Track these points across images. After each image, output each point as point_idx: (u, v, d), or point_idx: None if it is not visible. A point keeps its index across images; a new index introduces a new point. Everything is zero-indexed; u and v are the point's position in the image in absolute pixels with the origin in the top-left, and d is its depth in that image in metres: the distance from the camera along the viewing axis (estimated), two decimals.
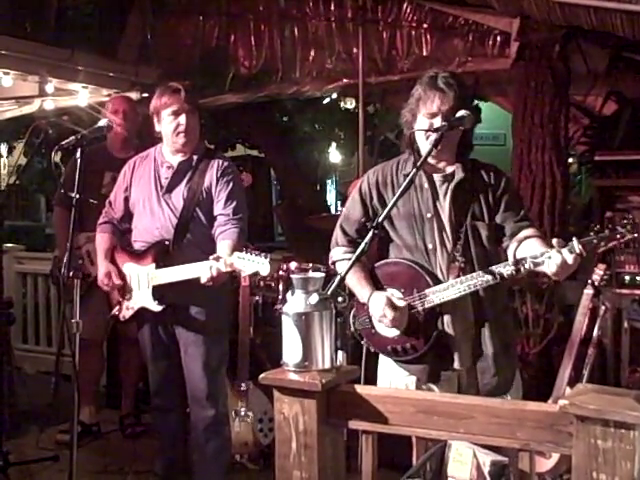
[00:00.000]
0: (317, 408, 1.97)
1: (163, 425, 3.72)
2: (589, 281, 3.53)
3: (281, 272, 4.42)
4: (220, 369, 3.59)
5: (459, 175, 2.68)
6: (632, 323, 4.41)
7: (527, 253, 2.52)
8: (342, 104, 9.35)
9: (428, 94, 2.63)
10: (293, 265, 4.41)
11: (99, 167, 4.37)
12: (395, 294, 2.68)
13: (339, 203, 14.15)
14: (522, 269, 2.49)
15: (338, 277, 2.17)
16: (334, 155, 11.70)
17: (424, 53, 5.67)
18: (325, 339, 2.02)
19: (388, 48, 5.78)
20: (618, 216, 4.72)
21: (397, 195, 2.44)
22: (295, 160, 9.47)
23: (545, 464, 3.28)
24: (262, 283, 4.55)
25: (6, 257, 6.53)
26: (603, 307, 3.67)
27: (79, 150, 3.26)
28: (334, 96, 8.22)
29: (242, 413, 4.12)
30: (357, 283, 2.76)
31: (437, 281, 2.65)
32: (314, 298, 2.01)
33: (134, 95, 5.61)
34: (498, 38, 5.32)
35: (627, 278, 4.49)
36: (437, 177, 2.72)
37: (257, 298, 4.62)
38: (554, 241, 2.40)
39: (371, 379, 2.88)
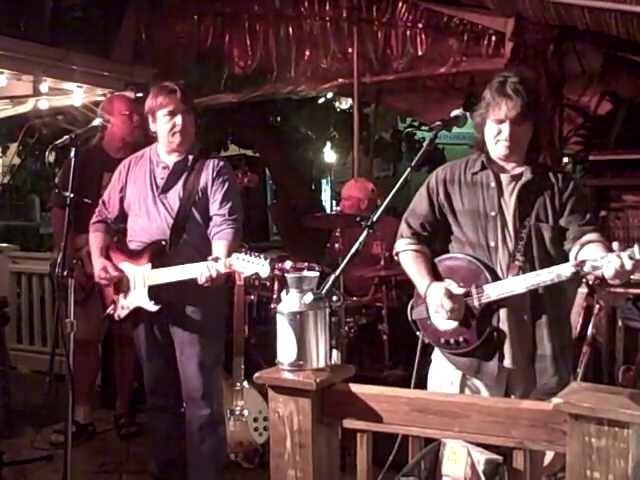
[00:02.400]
0: (312, 407, 1.97)
1: (158, 424, 3.71)
2: (584, 280, 3.54)
3: (276, 271, 4.41)
4: (215, 368, 3.59)
5: (527, 176, 2.70)
6: (626, 322, 4.42)
7: (588, 257, 2.52)
8: (337, 104, 9.37)
9: (496, 100, 2.65)
10: (288, 264, 4.41)
11: (97, 168, 4.34)
12: (452, 285, 2.70)
13: (334, 202, 14.16)
14: (581, 271, 2.49)
15: (332, 276, 2.17)
16: (329, 155, 11.73)
17: (419, 53, 5.68)
18: (320, 338, 2.02)
19: (383, 48, 5.79)
20: (612, 215, 4.74)
21: (391, 195, 2.45)
22: (290, 159, 9.48)
23: None
24: (257, 282, 4.54)
25: (0, 257, 6.54)
26: (597, 306, 3.68)
27: (73, 150, 3.26)
28: (329, 96, 8.25)
29: (237, 412, 4.12)
30: (417, 273, 2.79)
31: (496, 278, 2.66)
32: (309, 297, 2.01)
33: (128, 95, 5.60)
34: (493, 38, 5.34)
35: None
36: (504, 177, 2.74)
37: (252, 297, 4.62)
38: (614, 244, 2.40)
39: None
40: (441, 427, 1.90)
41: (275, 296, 4.41)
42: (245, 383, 4.14)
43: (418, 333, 2.87)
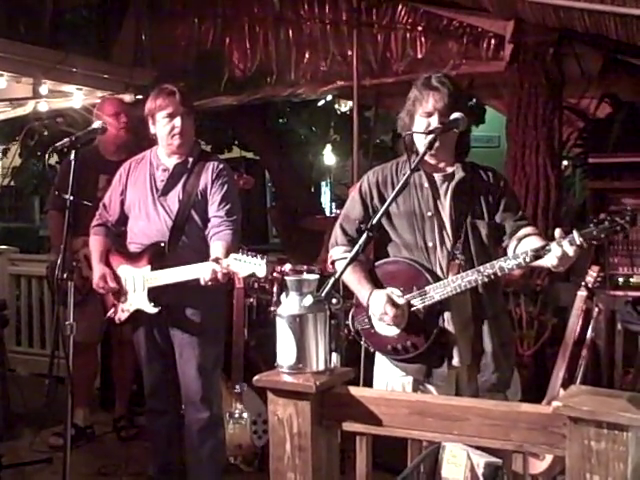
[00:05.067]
0: (311, 410, 1.97)
1: (157, 427, 3.71)
2: (583, 283, 3.54)
3: (275, 274, 4.42)
4: (215, 371, 3.59)
5: (459, 174, 2.72)
6: (625, 325, 4.42)
7: (527, 249, 2.54)
8: (337, 107, 9.37)
9: (423, 94, 2.69)
10: (287, 267, 4.41)
11: (93, 170, 4.35)
12: (394, 292, 2.68)
13: (333, 205, 14.16)
14: (522, 262, 2.50)
15: (332, 279, 2.17)
16: (329, 157, 11.73)
17: (418, 55, 5.68)
18: (319, 341, 2.02)
19: (383, 50, 5.79)
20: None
21: (391, 197, 2.45)
22: (290, 162, 9.48)
23: (539, 466, 3.28)
24: (256, 285, 4.55)
25: None
26: (597, 309, 3.68)
27: (73, 152, 3.26)
28: (329, 98, 8.24)
29: (236, 415, 4.12)
30: (357, 283, 2.77)
31: (437, 279, 2.66)
32: (308, 300, 2.00)
33: (128, 97, 5.60)
34: (492, 41, 5.33)
35: (620, 280, 4.51)
36: (437, 176, 2.75)
37: (251, 300, 4.62)
38: (556, 232, 2.42)
39: (368, 380, 2.88)
40: (440, 430, 1.90)
41: (274, 299, 4.41)
42: (244, 386, 4.14)
43: (362, 343, 2.85)
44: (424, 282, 2.66)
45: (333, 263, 2.89)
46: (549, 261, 2.44)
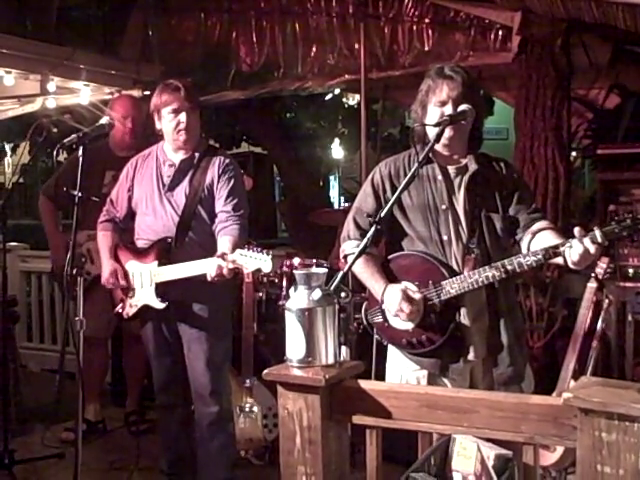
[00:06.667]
0: (321, 403, 1.97)
1: (168, 422, 3.73)
2: (592, 274, 3.52)
3: (284, 268, 4.42)
4: (224, 365, 3.60)
5: (472, 167, 2.70)
6: (636, 316, 4.40)
7: (543, 244, 2.53)
8: (345, 100, 9.37)
9: (436, 82, 2.67)
10: (296, 261, 4.41)
11: (100, 166, 4.37)
12: (409, 287, 2.65)
13: (342, 199, 14.17)
14: (542, 259, 2.48)
15: (341, 272, 2.16)
16: (337, 151, 11.74)
17: (426, 48, 5.65)
18: (328, 334, 2.02)
19: (389, 43, 5.77)
20: (621, 209, 4.72)
21: (399, 190, 2.44)
22: (298, 156, 9.49)
23: (550, 457, 3.28)
24: (265, 279, 4.56)
25: (10, 256, 6.54)
26: (607, 300, 3.66)
27: (81, 148, 3.27)
28: (337, 92, 8.23)
29: (247, 409, 4.12)
30: (370, 277, 2.74)
31: (452, 273, 2.64)
32: (317, 294, 2.01)
33: (136, 93, 5.61)
34: (500, 32, 5.30)
35: (631, 271, 4.48)
36: (451, 169, 2.73)
37: (260, 294, 4.62)
38: (576, 230, 2.40)
39: (380, 374, 2.88)
40: (450, 422, 1.90)
41: (284, 293, 4.41)
42: (254, 380, 4.15)
43: (375, 336, 2.83)
44: (440, 276, 2.64)
45: (345, 257, 2.86)
46: (570, 258, 2.41)
